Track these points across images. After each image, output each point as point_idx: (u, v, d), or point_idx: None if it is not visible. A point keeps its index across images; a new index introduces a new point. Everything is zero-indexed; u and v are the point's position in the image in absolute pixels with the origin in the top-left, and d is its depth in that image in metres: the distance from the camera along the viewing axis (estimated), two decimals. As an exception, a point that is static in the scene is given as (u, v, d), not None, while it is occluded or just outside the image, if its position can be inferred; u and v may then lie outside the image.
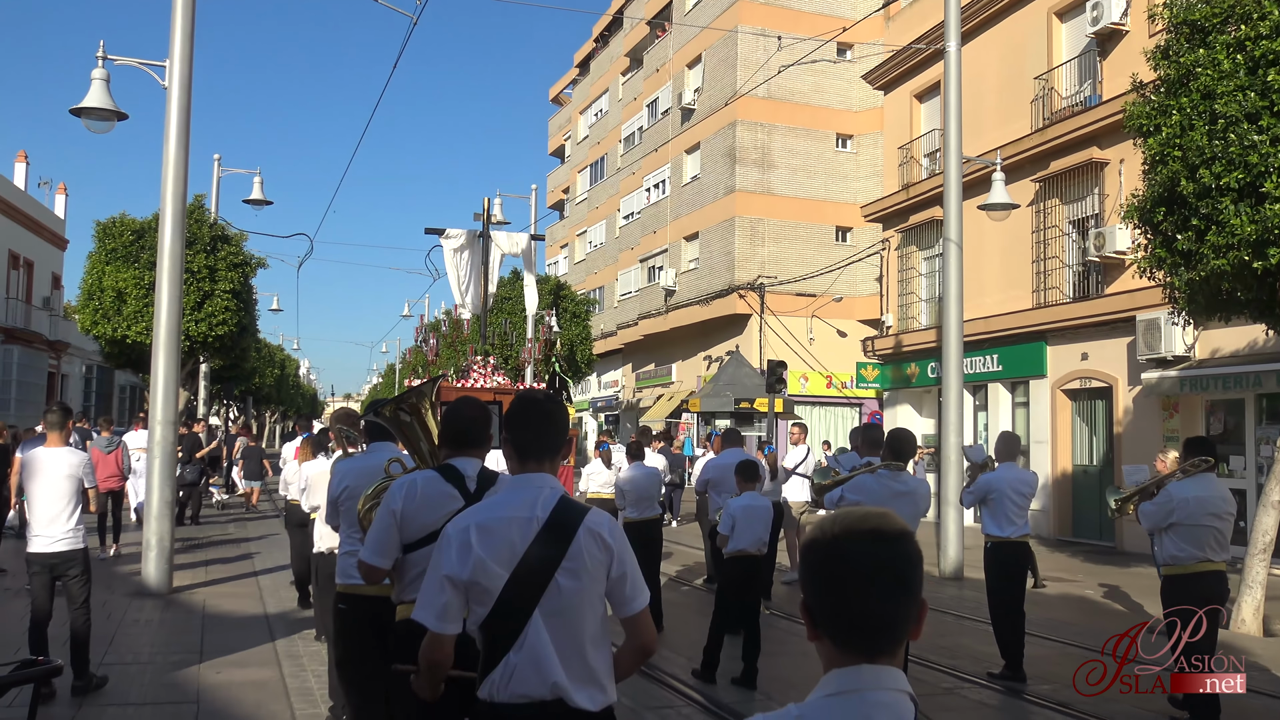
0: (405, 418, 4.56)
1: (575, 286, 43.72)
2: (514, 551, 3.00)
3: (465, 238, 18.17)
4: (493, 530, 3.03)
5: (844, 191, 34.30)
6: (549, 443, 3.19)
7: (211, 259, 22.90)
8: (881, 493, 6.81)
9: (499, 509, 3.09)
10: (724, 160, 34.31)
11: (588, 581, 3.01)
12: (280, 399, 58.03)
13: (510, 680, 2.97)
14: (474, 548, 3.00)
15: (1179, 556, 6.86)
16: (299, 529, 10.39)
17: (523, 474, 3.17)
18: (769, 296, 32.69)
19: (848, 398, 32.75)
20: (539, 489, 3.12)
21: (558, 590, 2.98)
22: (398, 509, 3.85)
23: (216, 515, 21.42)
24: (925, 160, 25.62)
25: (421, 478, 3.93)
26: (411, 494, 3.86)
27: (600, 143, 48.85)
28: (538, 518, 3.05)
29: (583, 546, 3.02)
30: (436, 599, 3.02)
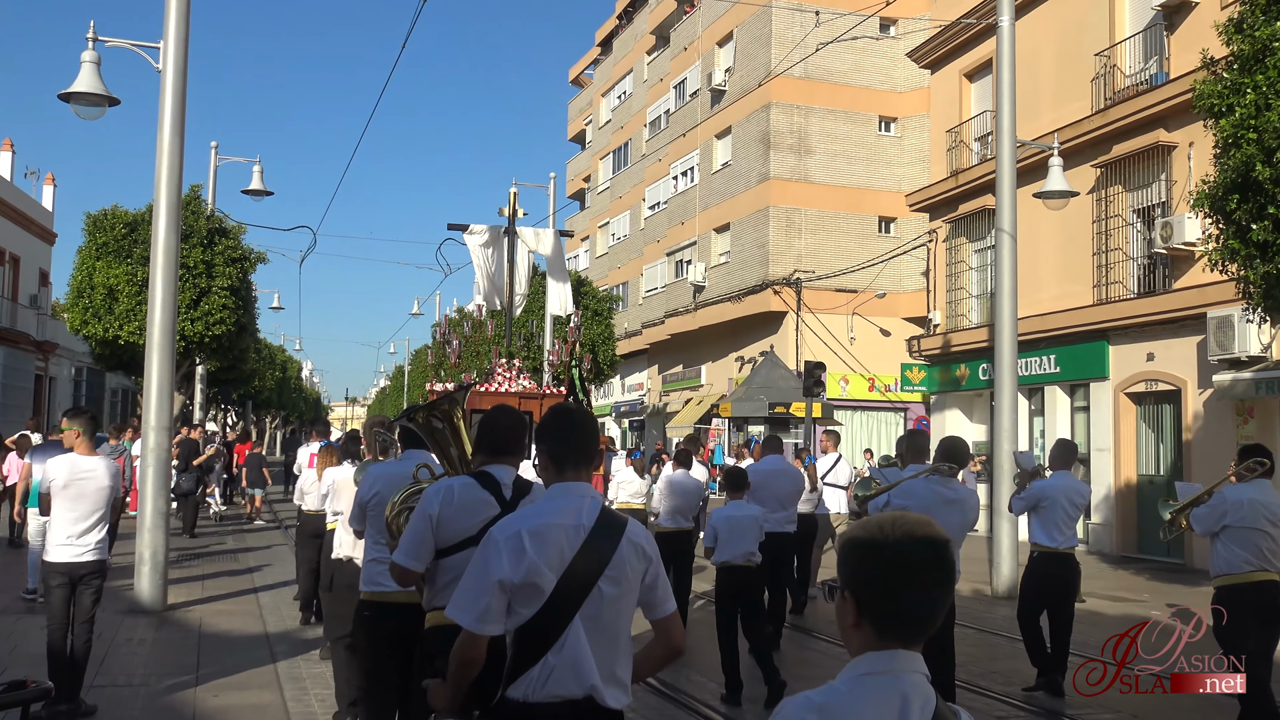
0: (438, 424, 4.84)
1: (597, 282, 43.80)
2: (563, 557, 3.33)
3: (490, 233, 18.29)
4: (544, 535, 3.34)
5: (887, 179, 34.18)
6: (585, 452, 3.53)
7: (208, 253, 23.10)
8: (930, 499, 6.91)
9: (546, 515, 3.40)
10: (757, 145, 34.27)
11: (626, 589, 3.39)
12: (281, 403, 58.45)
13: (548, 681, 3.27)
14: (528, 552, 3.29)
15: (1232, 562, 6.83)
16: (312, 540, 10.40)
17: (562, 483, 3.49)
18: (806, 292, 32.60)
19: (891, 402, 32.59)
20: (581, 497, 3.46)
21: (599, 596, 3.34)
22: (434, 513, 4.12)
23: (215, 527, 21.59)
24: (976, 145, 25.48)
25: (459, 483, 4.19)
26: (449, 499, 4.13)
27: (623, 127, 48.90)
28: (584, 525, 3.39)
29: (625, 555, 3.40)
30: (479, 600, 3.29)
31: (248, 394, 43.63)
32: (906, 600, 2.04)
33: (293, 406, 65.96)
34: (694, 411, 36.71)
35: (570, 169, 58.23)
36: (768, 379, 27.33)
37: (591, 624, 3.34)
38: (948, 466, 7.09)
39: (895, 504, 7.07)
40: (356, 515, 5.64)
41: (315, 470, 10.20)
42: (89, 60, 12.11)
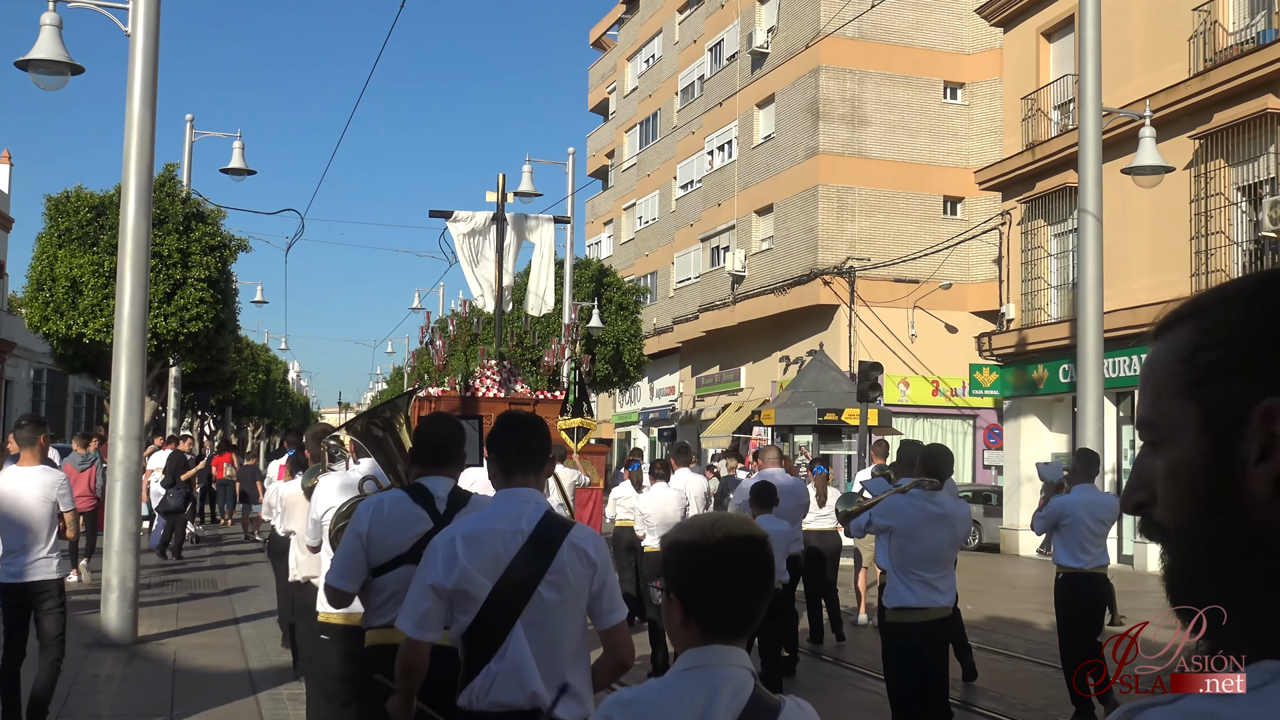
0: (378, 433, 5.14)
1: (622, 272, 43.81)
2: (499, 562, 3.68)
3: (480, 220, 18.38)
4: (479, 541, 3.70)
5: (953, 153, 34.02)
6: (533, 458, 3.91)
7: (184, 241, 23.28)
8: (915, 515, 7.14)
9: (485, 521, 3.78)
10: (804, 116, 34.21)
11: (569, 595, 3.73)
12: (265, 409, 58.80)
13: (490, 689, 3.62)
14: (460, 558, 3.66)
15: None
16: (281, 559, 10.60)
17: (508, 488, 3.86)
18: (860, 283, 32.51)
19: (959, 408, 32.44)
20: (524, 503, 3.82)
21: (540, 602, 3.68)
22: (364, 531, 4.40)
23: (191, 549, 21.75)
24: (1055, 114, 25.33)
25: (389, 498, 4.51)
26: (379, 515, 4.41)
27: (652, 96, 48.92)
28: (523, 530, 3.74)
29: (565, 560, 3.73)
30: (418, 606, 3.69)
31: (227, 399, 43.90)
32: (730, 597, 2.45)
33: (278, 413, 66.32)
34: (732, 419, 36.67)
35: (591, 144, 58.29)
36: (816, 382, 27.22)
37: (535, 631, 3.65)
38: (929, 481, 7.25)
39: (877, 523, 7.30)
40: (312, 531, 5.90)
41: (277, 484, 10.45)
42: (49, 23, 12.21)
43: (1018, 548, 25.46)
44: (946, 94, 34.52)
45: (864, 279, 32.62)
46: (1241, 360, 1.06)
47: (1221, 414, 1.06)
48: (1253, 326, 1.06)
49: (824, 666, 11.73)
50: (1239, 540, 1.04)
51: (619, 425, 51.56)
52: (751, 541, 2.49)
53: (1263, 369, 1.04)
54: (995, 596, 17.09)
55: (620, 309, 35.92)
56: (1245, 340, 1.06)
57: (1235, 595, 1.06)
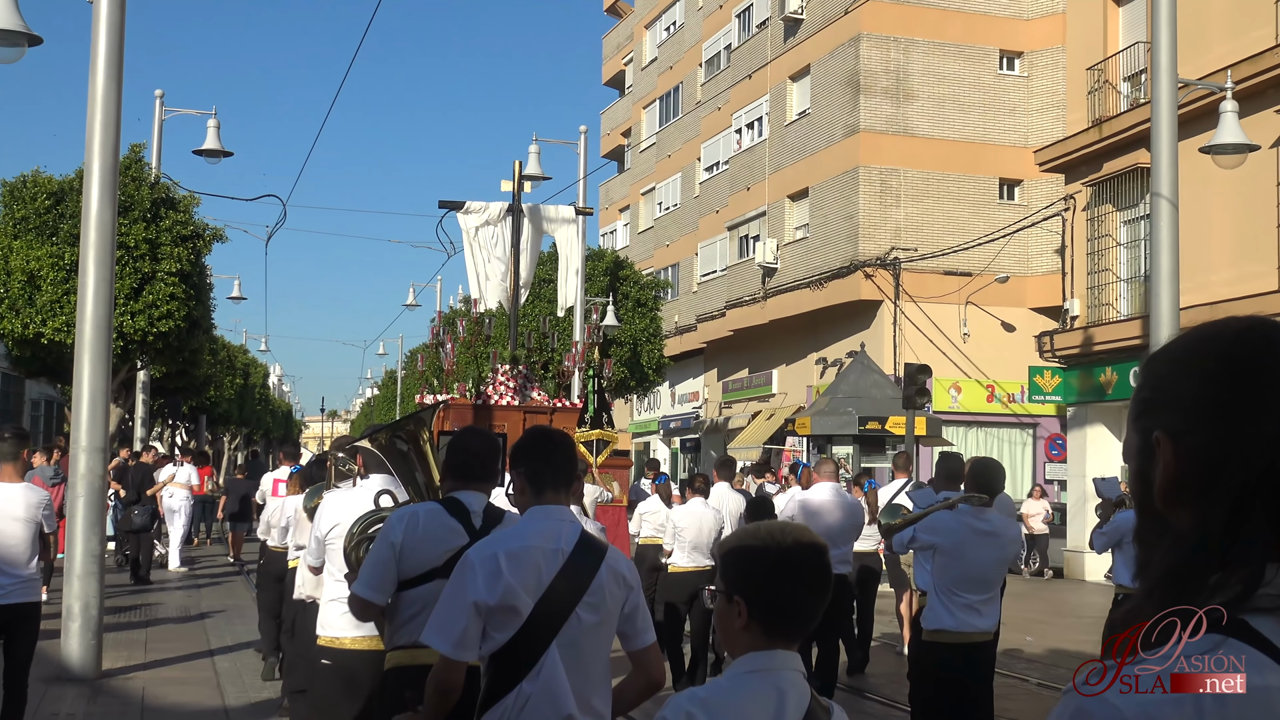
0: (402, 446, 5.44)
1: (639, 264, 43.84)
2: (540, 581, 3.97)
3: (494, 212, 18.44)
4: (521, 558, 3.98)
5: (1010, 130, 33.93)
6: (564, 474, 4.22)
7: (152, 230, 23.37)
8: (961, 532, 7.34)
9: (524, 538, 4.07)
10: (843, 89, 34.16)
11: (605, 617, 4.06)
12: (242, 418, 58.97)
13: (523, 710, 3.87)
14: (504, 573, 3.92)
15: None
16: (276, 583, 10.78)
17: (541, 505, 4.15)
18: (906, 276, 32.45)
19: (1017, 416, 32.33)
20: (560, 521, 4.13)
21: (578, 623, 3.98)
22: (398, 542, 4.67)
23: (162, 573, 21.83)
24: (1125, 86, 25.24)
25: (424, 510, 4.81)
26: (413, 527, 4.70)
27: (673, 68, 48.94)
28: (563, 549, 4.04)
29: (604, 582, 4.06)
30: (456, 624, 3.93)
31: (201, 406, 44.05)
32: (795, 602, 2.82)
33: (257, 422, 66.52)
34: (763, 428, 36.63)
35: (605, 121, 58.33)
36: (857, 387, 27.15)
37: (569, 652, 3.94)
38: (978, 496, 7.47)
39: (921, 539, 7.53)
40: (315, 550, 6.15)
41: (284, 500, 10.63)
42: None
43: (1083, 572, 25.36)
44: (1002, 64, 34.41)
45: (910, 271, 32.54)
46: (1155, 402, 1.57)
47: (1145, 441, 1.56)
48: (1164, 377, 1.58)
49: (856, 702, 11.73)
50: (1160, 544, 1.53)
51: (636, 435, 51.57)
52: (816, 549, 2.89)
53: (1162, 409, 1.55)
54: (1059, 627, 17.00)
55: (638, 305, 35.92)
56: (1159, 387, 1.57)
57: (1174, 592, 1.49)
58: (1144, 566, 1.56)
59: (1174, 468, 1.50)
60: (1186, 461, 1.49)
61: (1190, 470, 1.48)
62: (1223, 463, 1.46)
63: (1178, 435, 1.50)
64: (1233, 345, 1.54)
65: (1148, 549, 1.55)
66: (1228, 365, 1.51)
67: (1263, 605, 1.43)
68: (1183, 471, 1.49)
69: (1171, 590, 1.48)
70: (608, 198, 56.49)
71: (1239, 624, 1.42)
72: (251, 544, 19.92)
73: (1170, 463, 1.50)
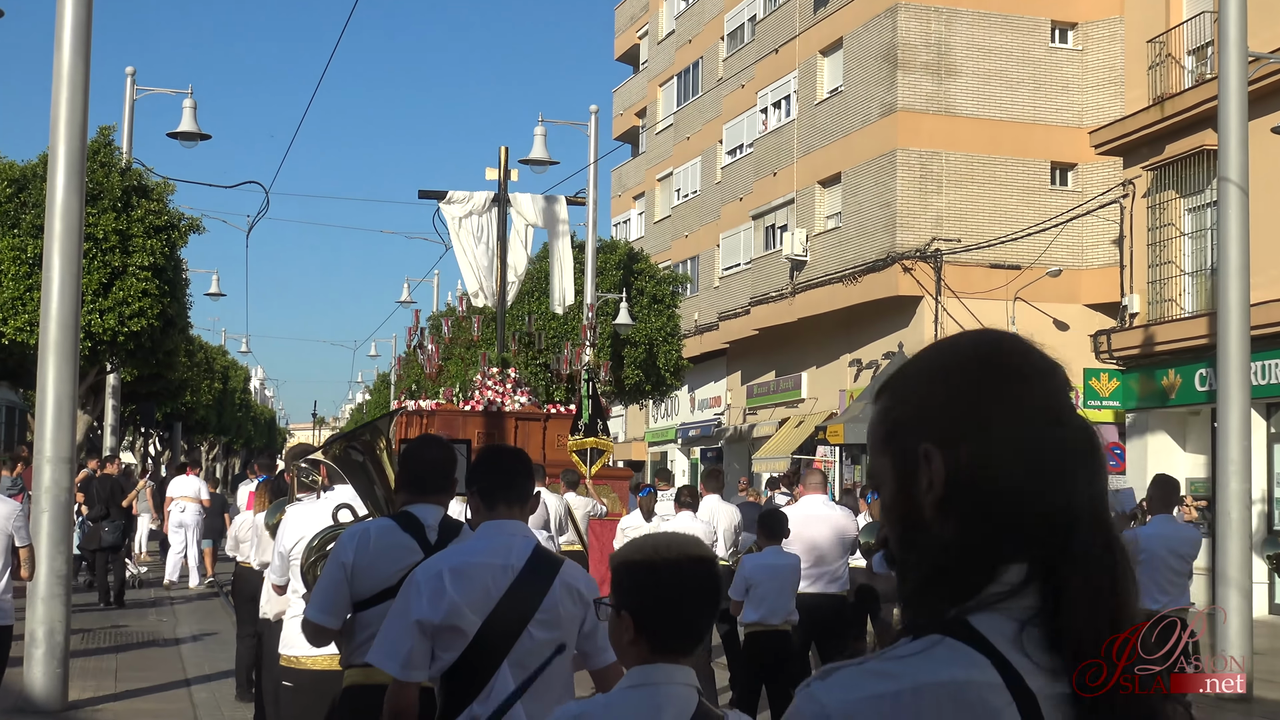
0: (357, 457, 5.60)
1: (655, 257, 43.85)
2: (488, 598, 4.16)
3: (479, 202, 18.51)
4: (467, 574, 4.19)
5: (1063, 109, 33.87)
6: (518, 489, 4.45)
7: (123, 220, 23.42)
8: None
9: (472, 554, 4.29)
10: (879, 64, 34.13)
11: (560, 633, 4.22)
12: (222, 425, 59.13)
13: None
14: (448, 591, 4.12)
15: None
16: (249, 604, 10.75)
17: (493, 520, 4.37)
18: (948, 269, 32.41)
19: (1070, 423, 32.26)
20: (511, 536, 4.35)
21: (530, 640, 4.16)
22: (349, 561, 4.85)
23: (133, 594, 21.87)
24: (1190, 60, 25.16)
25: (375, 527, 5.00)
26: (364, 545, 4.87)
27: (692, 41, 48.95)
28: (513, 566, 4.24)
29: (558, 598, 4.25)
30: (402, 644, 4.12)
31: (176, 413, 44.18)
32: (680, 616, 3.06)
33: (237, 430, 66.70)
34: (791, 436, 36.60)
35: (618, 100, 58.35)
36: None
37: (521, 671, 4.02)
38: None
39: None
40: (279, 567, 6.36)
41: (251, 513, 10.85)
42: (-38, -43, 12.32)
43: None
44: (1054, 36, 34.35)
45: (953, 264, 32.49)
46: (911, 418, 1.72)
47: (903, 459, 1.71)
48: (922, 395, 1.73)
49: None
50: (926, 554, 1.68)
51: (653, 444, 51.60)
52: (703, 562, 3.14)
53: (922, 423, 1.70)
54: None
55: (654, 302, 35.91)
56: (913, 403, 1.73)
57: (929, 598, 1.66)
58: (905, 572, 1.72)
59: (945, 477, 1.66)
60: (959, 471, 1.66)
61: (962, 479, 1.66)
62: (990, 469, 1.66)
63: (947, 446, 1.67)
64: (984, 354, 1.75)
65: (915, 558, 1.70)
66: (986, 374, 1.71)
67: (990, 602, 1.63)
68: (956, 480, 1.66)
69: (932, 596, 1.66)
70: (620, 184, 56.48)
71: (960, 623, 1.61)
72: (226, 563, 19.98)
73: (942, 473, 1.67)
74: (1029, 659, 1.60)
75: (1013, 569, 1.64)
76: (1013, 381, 1.71)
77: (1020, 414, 1.68)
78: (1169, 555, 9.55)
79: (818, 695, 1.59)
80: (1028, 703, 1.58)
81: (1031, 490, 1.65)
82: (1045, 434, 1.68)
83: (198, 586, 22.83)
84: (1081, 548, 1.66)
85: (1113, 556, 1.71)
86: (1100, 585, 1.67)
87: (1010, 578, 1.64)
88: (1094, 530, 1.69)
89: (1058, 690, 1.62)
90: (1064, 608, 1.64)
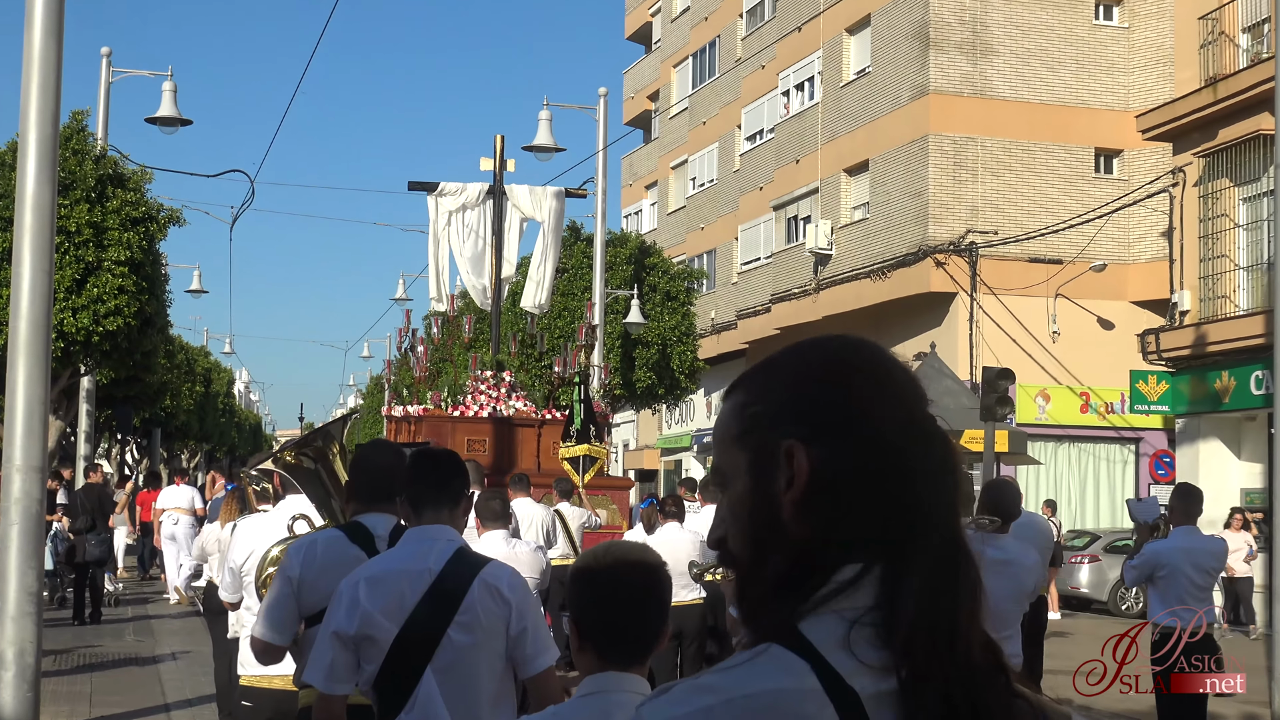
0: (309, 465, 5.71)
1: (668, 251, 43.87)
2: (403, 605, 4.32)
3: (471, 194, 18.55)
4: (382, 582, 4.38)
5: (1108, 91, 33.83)
6: (446, 494, 4.61)
7: (98, 212, 23.46)
8: None
9: (391, 562, 4.51)
10: (910, 43, 34.12)
11: (483, 637, 4.39)
12: (204, 432, 59.22)
13: None
14: (361, 601, 4.31)
15: None
16: (220, 617, 10.87)
17: (419, 526, 4.56)
18: (984, 264, 32.38)
19: (1117, 429, 32.20)
20: (434, 540, 4.50)
21: (451, 646, 4.32)
22: (295, 575, 4.98)
23: (112, 612, 21.93)
24: (1245, 38, 25.13)
25: (322, 539, 5.14)
26: (311, 558, 5.01)
27: (708, 19, 48.96)
28: (430, 570, 4.40)
29: (476, 600, 4.38)
30: (324, 657, 4.34)
31: (155, 418, 44.26)
32: (617, 623, 3.22)
33: (220, 436, 66.80)
34: (815, 444, 36.58)
35: (629, 83, 58.36)
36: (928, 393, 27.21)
37: (446, 678, 4.29)
38: (989, 520, 7.80)
39: None
40: (230, 584, 6.59)
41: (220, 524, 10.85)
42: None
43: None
44: (1099, 13, 34.32)
45: (989, 258, 32.47)
46: (773, 415, 1.78)
47: (760, 456, 1.77)
48: (781, 390, 1.80)
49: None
50: (779, 555, 1.75)
51: (666, 452, 51.60)
52: (643, 567, 3.29)
53: (785, 420, 1.76)
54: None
55: (667, 299, 35.92)
56: (776, 400, 1.79)
57: (786, 599, 1.73)
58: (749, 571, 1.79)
59: (808, 475, 1.73)
60: (820, 468, 1.73)
61: (826, 477, 1.73)
62: (856, 469, 1.74)
63: (809, 442, 1.74)
64: (850, 356, 1.85)
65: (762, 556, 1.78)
66: (854, 376, 1.81)
67: (820, 603, 1.71)
68: (819, 479, 1.73)
69: (775, 597, 1.74)
70: (631, 172, 56.50)
71: (787, 629, 1.70)
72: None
73: (805, 471, 1.73)
74: (855, 658, 1.67)
75: (847, 568, 1.72)
76: (882, 384, 1.81)
77: (888, 416, 1.78)
78: (1191, 568, 9.65)
79: (644, 715, 1.68)
80: (849, 704, 1.64)
81: (892, 492, 1.73)
82: (911, 436, 1.78)
83: (176, 604, 22.84)
84: (929, 549, 1.73)
85: (959, 566, 1.77)
86: (940, 587, 1.73)
87: (842, 576, 1.72)
88: (946, 538, 1.76)
89: (884, 688, 1.67)
90: (899, 604, 1.70)
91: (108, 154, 24.84)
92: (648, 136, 56.24)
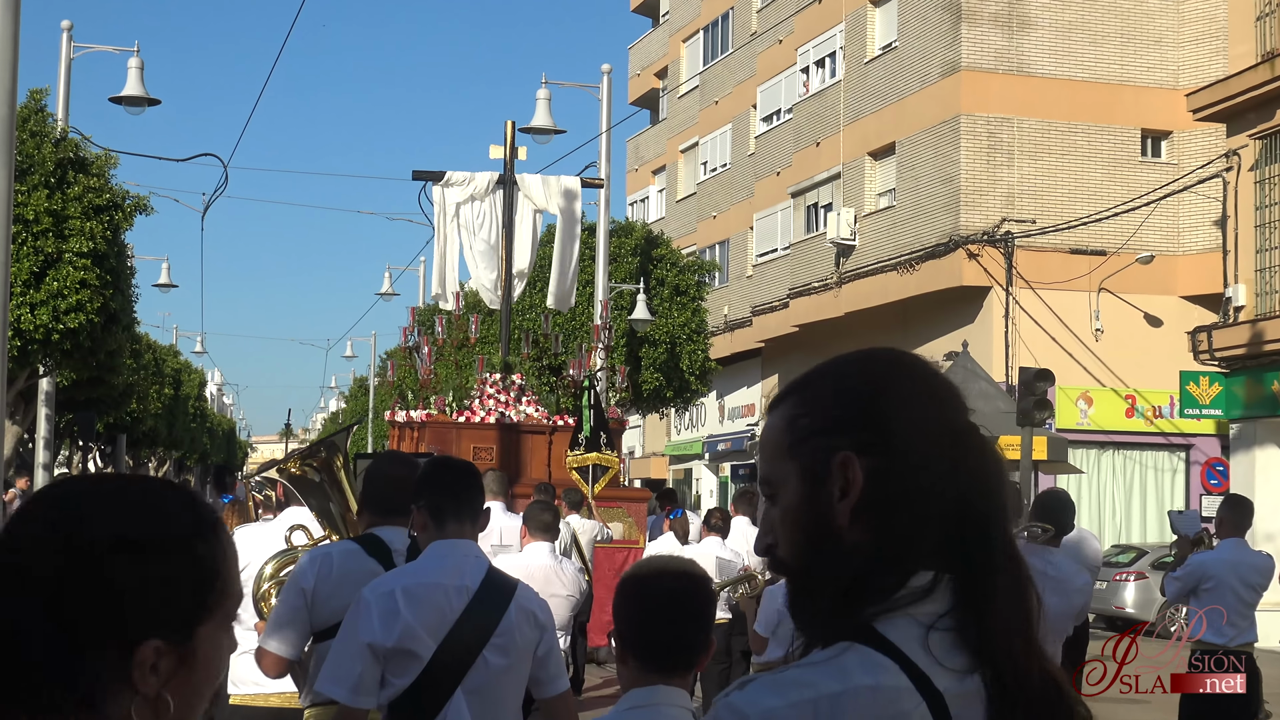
0: (314, 476, 5.92)
1: (677, 241, 43.91)
2: (444, 620, 4.48)
3: (480, 184, 18.56)
4: (422, 596, 4.50)
5: (1155, 68, 33.84)
6: (468, 507, 4.78)
7: (57, 199, 23.49)
8: None
9: (425, 574, 4.61)
10: (940, 15, 34.13)
11: (515, 659, 4.61)
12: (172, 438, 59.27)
13: None
14: (402, 613, 4.42)
15: None
16: None
17: (444, 540, 4.67)
18: (1021, 255, 32.39)
19: (1166, 435, 32.19)
20: (464, 556, 4.68)
21: (485, 666, 4.50)
22: (309, 587, 5.15)
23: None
24: (1304, 9, 25.11)
25: (338, 551, 5.33)
26: (326, 570, 5.18)
27: (721, -11, 48.98)
28: (468, 587, 4.56)
29: (514, 622, 4.60)
30: (351, 669, 4.41)
31: (120, 423, 44.32)
32: (657, 633, 3.42)
33: (191, 443, 66.88)
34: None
35: (635, 58, 58.42)
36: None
37: (475, 699, 4.46)
38: (1041, 529, 7.97)
39: None
40: None
41: None
42: None
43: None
44: (1145, -17, 34.31)
45: (1026, 249, 32.48)
46: (825, 425, 1.97)
47: (813, 466, 1.95)
48: (832, 400, 1.99)
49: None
50: (837, 561, 1.92)
51: (675, 460, 51.64)
52: (685, 577, 3.53)
53: (839, 431, 1.94)
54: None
55: (676, 294, 35.93)
56: (827, 410, 1.98)
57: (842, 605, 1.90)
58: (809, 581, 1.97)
59: (863, 485, 1.92)
60: (876, 478, 1.92)
61: (880, 486, 1.92)
62: (902, 476, 1.92)
63: (865, 453, 1.92)
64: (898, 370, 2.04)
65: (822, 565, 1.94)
66: (906, 386, 2.00)
67: (897, 607, 1.88)
68: (873, 487, 1.91)
69: (842, 603, 1.90)
70: (637, 156, 56.54)
71: (866, 630, 1.87)
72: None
73: (858, 481, 1.92)
74: (935, 660, 1.85)
75: (920, 574, 1.90)
76: (928, 395, 2.01)
77: (935, 427, 1.96)
78: (1239, 584, 9.85)
79: (738, 704, 1.83)
80: (936, 703, 1.83)
81: (944, 501, 1.91)
82: (959, 446, 1.97)
83: None
84: (998, 553, 1.93)
85: (1019, 567, 1.97)
86: (1016, 589, 1.93)
87: (917, 582, 1.89)
88: (1003, 547, 1.95)
89: (967, 688, 1.86)
90: (984, 607, 1.89)
91: (68, 136, 24.85)
92: (655, 117, 56.28)
